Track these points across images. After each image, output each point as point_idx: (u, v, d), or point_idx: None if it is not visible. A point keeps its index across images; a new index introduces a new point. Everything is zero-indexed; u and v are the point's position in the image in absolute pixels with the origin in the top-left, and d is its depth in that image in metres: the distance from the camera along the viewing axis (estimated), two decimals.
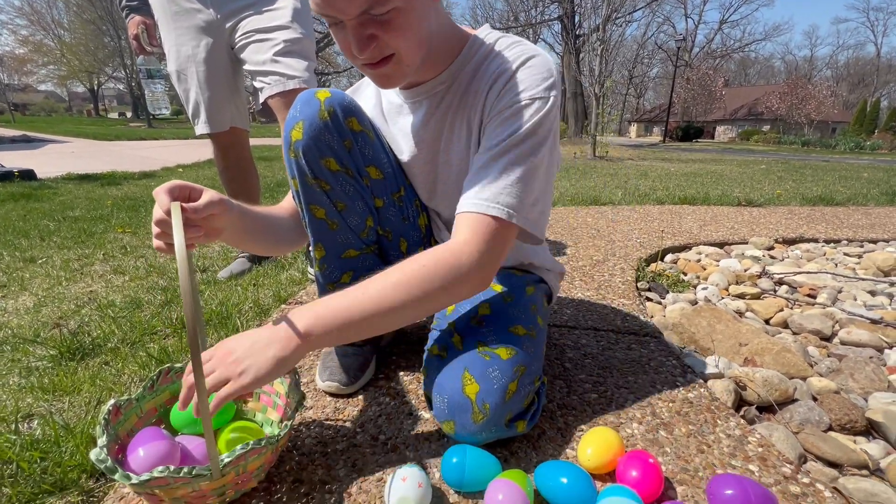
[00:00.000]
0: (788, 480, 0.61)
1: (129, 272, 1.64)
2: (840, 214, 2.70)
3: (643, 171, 5.63)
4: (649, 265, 1.64)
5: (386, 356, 0.92)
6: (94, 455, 0.48)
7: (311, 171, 0.68)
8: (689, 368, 0.89)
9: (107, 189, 3.78)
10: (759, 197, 3.21)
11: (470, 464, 0.57)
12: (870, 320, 1.16)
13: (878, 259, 1.60)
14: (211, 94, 1.38)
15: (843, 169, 6.92)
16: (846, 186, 4.24)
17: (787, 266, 1.62)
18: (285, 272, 1.51)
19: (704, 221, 2.37)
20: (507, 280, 0.77)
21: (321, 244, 0.75)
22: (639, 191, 3.59)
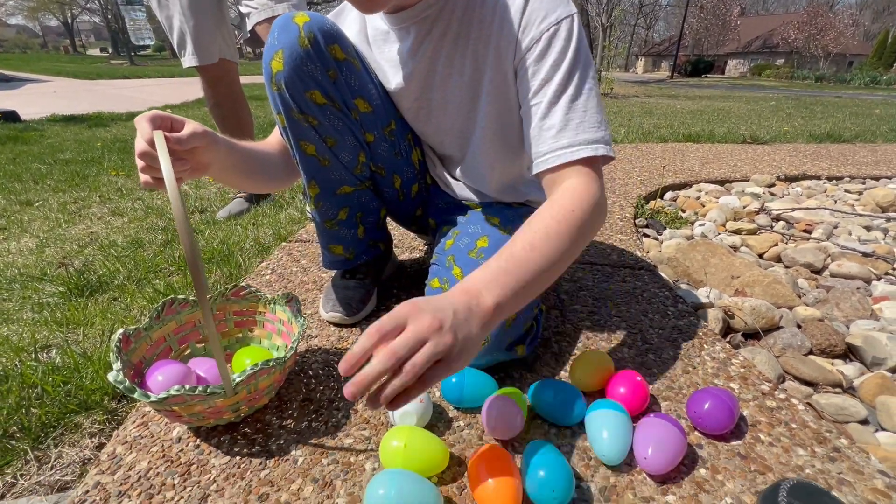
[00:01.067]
0: (766, 396, 0.66)
1: (127, 214, 1.63)
2: (846, 151, 2.65)
3: (648, 109, 5.44)
4: (648, 203, 1.64)
5: (387, 290, 0.95)
6: (112, 377, 0.51)
7: (297, 106, 0.66)
8: (680, 299, 0.92)
9: (95, 131, 3.67)
10: (766, 134, 3.13)
11: (468, 382, 0.61)
12: (861, 253, 1.18)
13: (878, 195, 1.60)
14: (196, 23, 1.30)
15: (854, 105, 6.69)
16: (855, 123, 4.13)
17: (786, 203, 1.62)
18: (284, 211, 1.51)
19: (707, 159, 2.33)
20: (504, 213, 0.77)
21: (314, 181, 0.74)
22: (642, 129, 3.50)
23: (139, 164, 0.53)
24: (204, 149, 0.57)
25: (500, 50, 0.63)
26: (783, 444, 0.57)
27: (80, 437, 0.62)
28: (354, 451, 0.56)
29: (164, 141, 0.49)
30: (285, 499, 0.50)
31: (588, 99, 0.60)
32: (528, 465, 0.49)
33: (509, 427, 0.55)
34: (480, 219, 0.77)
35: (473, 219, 0.78)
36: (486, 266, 0.51)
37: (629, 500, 0.50)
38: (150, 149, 0.51)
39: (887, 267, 1.13)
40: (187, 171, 0.56)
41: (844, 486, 0.51)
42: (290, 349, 0.59)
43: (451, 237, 0.76)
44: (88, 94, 6.91)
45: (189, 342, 0.71)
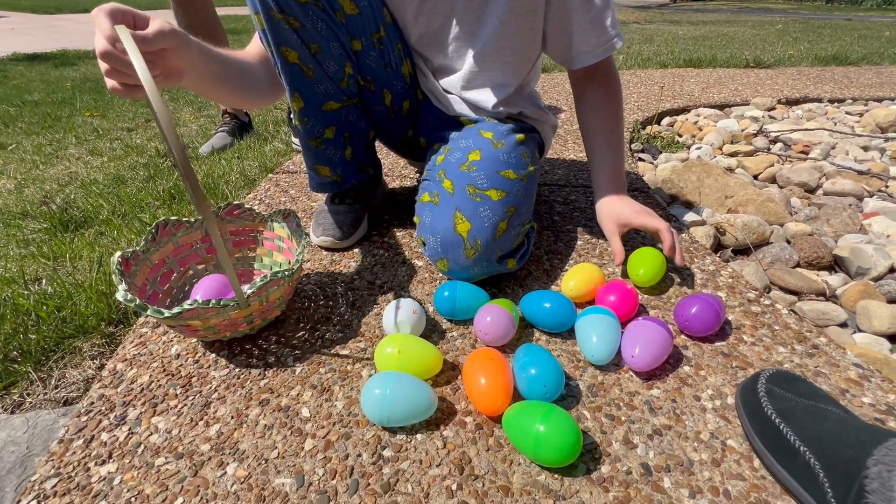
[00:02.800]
0: (751, 303, 0.67)
1: (105, 153, 1.57)
2: (851, 74, 2.55)
3: (649, 36, 5.15)
4: (645, 128, 1.59)
5: (377, 216, 0.94)
6: (121, 296, 0.49)
7: (277, 4, 0.60)
8: (673, 217, 0.92)
9: (62, 70, 3.45)
10: (769, 58, 2.99)
11: (460, 296, 0.62)
12: (857, 171, 1.17)
13: (879, 115, 1.56)
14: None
15: (864, 28, 6.36)
16: (863, 46, 3.95)
17: (785, 125, 1.58)
18: (269, 144, 1.46)
19: (707, 84, 2.24)
20: (496, 128, 0.75)
21: (298, 94, 0.70)
22: (642, 55, 3.33)
23: (103, 67, 0.47)
24: (174, 51, 0.51)
25: None
26: (765, 343, 0.59)
27: (81, 360, 0.63)
28: (350, 360, 0.57)
29: (130, 38, 0.42)
30: (285, 403, 0.51)
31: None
32: (520, 363, 0.50)
33: (501, 334, 0.57)
34: (473, 133, 0.74)
35: (465, 133, 0.75)
36: (606, 176, 0.78)
37: (616, 394, 0.52)
38: (110, 47, 0.45)
39: (881, 184, 1.13)
40: (158, 78, 0.50)
41: (820, 378, 0.54)
42: (297, 261, 0.59)
43: (441, 153, 0.74)
44: (50, 29, 6.41)
45: (189, 264, 0.70)
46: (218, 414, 0.50)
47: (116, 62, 0.46)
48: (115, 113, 2.25)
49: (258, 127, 1.68)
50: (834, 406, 0.43)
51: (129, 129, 1.94)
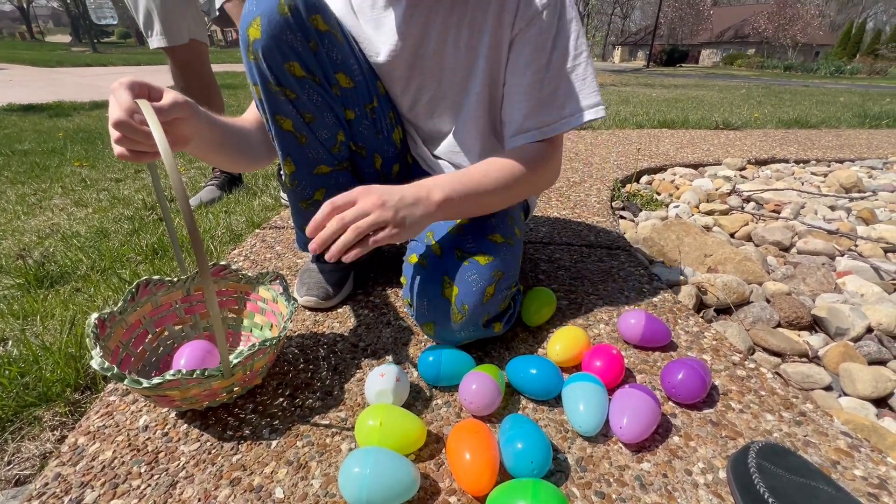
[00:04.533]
0: (736, 366, 0.67)
1: (91, 204, 1.57)
2: (812, 136, 2.73)
3: (625, 98, 5.50)
4: (625, 186, 1.66)
5: (363, 273, 0.93)
6: (97, 364, 0.48)
7: (275, 77, 0.63)
8: (655, 277, 0.93)
9: (56, 121, 3.50)
10: (737, 120, 3.20)
11: (446, 361, 0.61)
12: (827, 231, 1.22)
13: (842, 177, 1.65)
14: (164, 1, 1.24)
15: (821, 94, 6.91)
16: (821, 110, 4.26)
17: (756, 185, 1.66)
18: (257, 199, 1.47)
19: (681, 144, 2.37)
20: None
21: (290, 158, 0.71)
22: (619, 116, 3.53)
23: (113, 135, 0.48)
24: (185, 120, 0.54)
25: (501, 18, 0.65)
26: (752, 410, 0.59)
27: (41, 431, 0.59)
28: (330, 432, 0.55)
29: (151, 109, 0.45)
30: (258, 482, 0.48)
31: (585, 68, 0.67)
32: (506, 437, 0.49)
33: (487, 402, 0.55)
34: None
35: None
36: (442, 175, 0.62)
37: (605, 469, 0.50)
38: (127, 118, 0.47)
39: (850, 243, 1.17)
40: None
41: (810, 448, 0.53)
42: (283, 328, 0.58)
43: None
44: (48, 82, 6.57)
45: (166, 325, 0.68)
46: (184, 496, 0.47)
47: (129, 131, 0.48)
48: (105, 164, 2.27)
49: (248, 180, 1.71)
50: (825, 484, 0.42)
51: (118, 180, 1.95)
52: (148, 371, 0.63)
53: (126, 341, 0.61)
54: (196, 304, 0.70)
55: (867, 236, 1.20)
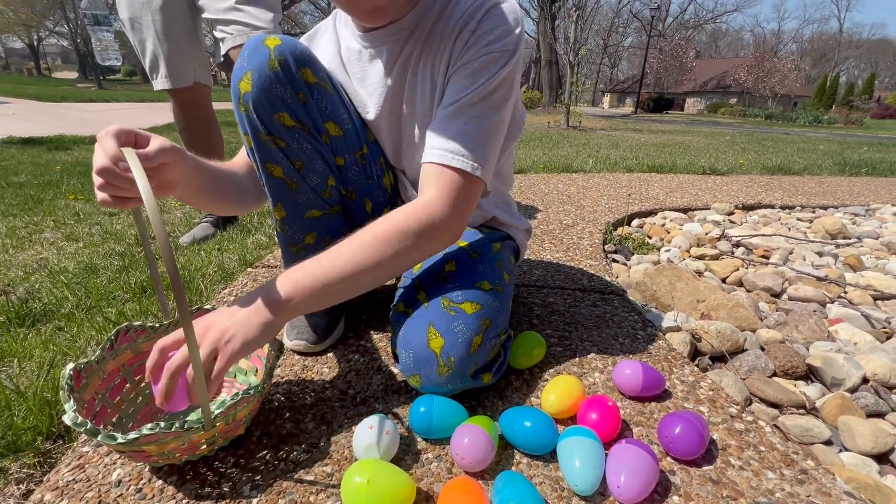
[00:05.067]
0: (734, 419, 0.66)
1: (82, 239, 1.55)
2: (796, 183, 2.82)
3: (615, 142, 5.69)
4: (616, 229, 1.68)
5: (355, 315, 0.92)
6: (70, 420, 0.45)
7: (265, 127, 0.63)
8: (649, 323, 0.93)
9: (55, 154, 3.53)
10: (723, 166, 3.31)
11: (437, 412, 0.59)
12: (816, 278, 1.24)
13: (827, 223, 1.70)
14: (170, 46, 1.28)
15: (801, 142, 7.20)
16: (803, 157, 4.43)
17: (744, 230, 1.70)
18: (251, 236, 1.47)
19: (670, 188, 2.43)
20: (473, 236, 0.77)
21: (281, 204, 0.72)
22: (609, 159, 3.64)
23: (97, 182, 0.49)
24: (171, 165, 0.55)
25: (448, 62, 0.65)
26: (753, 467, 0.57)
27: (5, 484, 0.56)
28: (315, 489, 0.52)
29: (136, 159, 0.45)
30: None
31: (493, 127, 0.63)
32: (499, 498, 0.46)
33: (480, 458, 0.53)
34: None
35: None
36: (296, 266, 0.58)
37: None
38: (112, 165, 0.48)
39: (839, 290, 1.19)
40: (153, 190, 0.52)
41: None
42: (269, 375, 0.56)
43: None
44: (50, 116, 6.68)
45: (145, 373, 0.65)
46: None
47: (112, 177, 0.49)
48: None
49: (243, 218, 1.71)
50: None
51: (111, 214, 1.94)
52: (125, 423, 0.60)
53: (103, 392, 0.58)
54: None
55: (856, 283, 1.22)
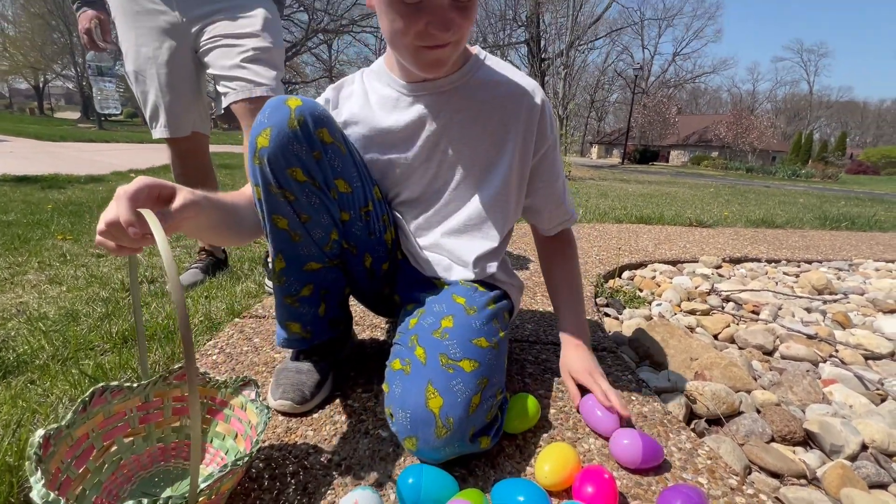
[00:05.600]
0: (734, 492, 0.63)
1: (66, 282, 1.52)
2: (780, 236, 2.89)
3: (603, 191, 5.86)
4: (608, 281, 1.69)
5: (343, 373, 0.89)
6: (40, 497, 0.42)
7: (276, 181, 0.65)
8: (643, 383, 0.91)
9: (48, 193, 3.53)
10: (709, 218, 3.40)
11: (426, 484, 0.56)
12: (806, 335, 1.24)
13: (813, 278, 1.73)
14: (172, 98, 1.32)
15: (781, 194, 7.47)
16: (785, 210, 4.57)
17: (733, 284, 1.72)
18: (241, 284, 1.45)
19: (659, 240, 2.48)
20: (469, 293, 0.77)
21: (282, 255, 0.72)
22: (599, 209, 3.73)
23: (100, 228, 0.48)
24: (189, 219, 0.55)
25: (526, 141, 0.78)
26: None
27: None
28: None
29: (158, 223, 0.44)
30: None
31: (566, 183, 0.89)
32: None
33: None
34: (447, 297, 0.75)
35: (440, 297, 0.76)
36: (575, 311, 0.90)
37: None
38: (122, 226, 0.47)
39: (831, 349, 1.19)
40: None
41: None
42: (256, 443, 0.53)
43: (415, 316, 0.74)
44: (48, 155, 6.74)
45: (115, 437, 0.61)
46: None
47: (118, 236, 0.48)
48: (89, 238, 2.25)
49: (234, 264, 1.70)
50: None
51: (99, 256, 1.92)
52: (88, 496, 0.55)
53: (68, 461, 0.54)
54: (153, 411, 0.65)
55: (846, 342, 1.22)
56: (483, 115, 0.76)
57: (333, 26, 20.17)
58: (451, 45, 0.65)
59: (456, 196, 0.80)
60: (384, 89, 0.78)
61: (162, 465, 0.64)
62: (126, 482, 0.59)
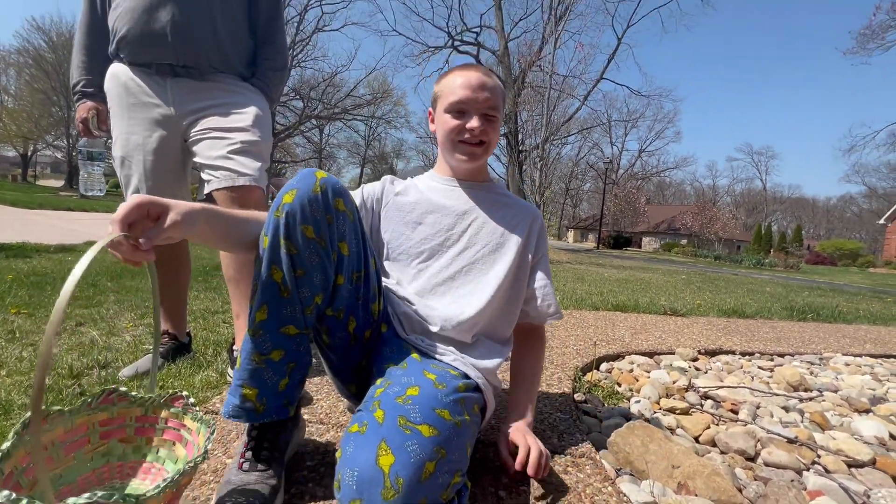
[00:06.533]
0: None
1: (8, 365, 1.40)
2: (751, 327, 2.95)
3: (580, 276, 6.00)
4: (585, 374, 1.66)
5: (294, 471, 0.81)
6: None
7: (287, 233, 0.71)
8: (624, 497, 0.86)
9: (12, 262, 3.41)
10: (682, 307, 3.48)
11: None
12: (787, 439, 1.21)
13: (787, 374, 1.73)
14: (154, 184, 1.33)
15: (749, 282, 7.78)
16: (754, 299, 4.73)
17: (710, 379, 1.70)
18: (201, 372, 1.36)
19: (636, 329, 2.49)
20: (441, 373, 0.77)
21: (267, 307, 0.74)
22: (576, 294, 3.79)
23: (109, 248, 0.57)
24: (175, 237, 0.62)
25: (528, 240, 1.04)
26: None
27: None
28: None
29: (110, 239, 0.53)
30: None
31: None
32: None
33: None
34: (417, 371, 0.76)
35: (409, 371, 0.77)
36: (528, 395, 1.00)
37: None
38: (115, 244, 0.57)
39: (812, 455, 1.15)
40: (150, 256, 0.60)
41: None
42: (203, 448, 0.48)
43: (381, 386, 0.73)
44: (22, 222, 6.63)
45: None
46: None
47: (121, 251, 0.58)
48: (45, 312, 2.13)
49: (198, 348, 1.61)
50: None
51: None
52: None
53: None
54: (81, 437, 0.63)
55: (826, 446, 1.20)
56: (499, 211, 1.03)
57: (326, 113, 21.59)
58: (484, 146, 0.98)
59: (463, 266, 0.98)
60: (432, 182, 1.07)
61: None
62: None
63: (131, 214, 0.57)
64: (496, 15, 14.85)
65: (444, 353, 0.88)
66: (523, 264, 1.02)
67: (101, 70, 1.36)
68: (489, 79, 0.96)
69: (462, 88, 0.93)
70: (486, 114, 0.94)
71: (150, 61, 1.29)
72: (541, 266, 1.05)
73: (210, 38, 1.29)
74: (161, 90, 1.30)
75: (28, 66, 27.43)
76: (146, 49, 1.27)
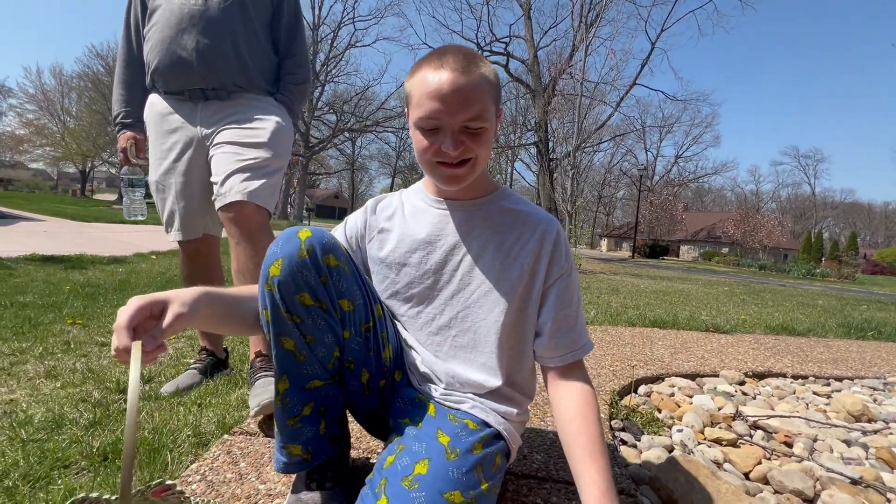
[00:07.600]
0: None
1: (62, 376, 1.49)
2: (803, 346, 2.76)
3: (615, 287, 5.82)
4: (622, 398, 1.59)
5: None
6: None
7: (285, 306, 0.68)
8: None
9: (69, 273, 3.64)
10: (726, 322, 3.29)
11: None
12: (850, 480, 1.11)
13: (847, 402, 1.60)
14: (186, 204, 1.38)
15: (799, 295, 7.31)
16: (805, 314, 4.44)
17: (760, 407, 1.60)
18: (237, 390, 1.39)
19: (675, 349, 2.38)
20: (456, 432, 0.71)
21: (286, 376, 0.74)
22: (611, 308, 3.67)
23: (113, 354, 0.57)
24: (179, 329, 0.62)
25: (539, 265, 0.82)
26: None
27: None
28: None
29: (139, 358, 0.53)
30: None
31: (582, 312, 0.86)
32: None
33: None
34: (430, 433, 0.71)
35: (422, 433, 0.72)
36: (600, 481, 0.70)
37: None
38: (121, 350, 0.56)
39: (881, 499, 1.05)
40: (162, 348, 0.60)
41: None
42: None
43: (393, 452, 0.70)
44: (78, 235, 7.09)
45: None
46: None
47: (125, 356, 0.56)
48: (98, 323, 2.25)
49: (234, 363, 1.66)
50: None
51: (103, 344, 1.90)
52: None
53: None
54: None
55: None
56: (499, 234, 0.83)
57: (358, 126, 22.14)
58: (468, 165, 0.76)
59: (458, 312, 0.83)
60: (418, 202, 0.89)
61: None
62: None
63: (134, 318, 0.57)
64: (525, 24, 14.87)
65: (462, 400, 0.80)
66: (530, 297, 0.82)
67: (139, 101, 1.43)
68: (467, 76, 0.71)
69: (431, 99, 0.71)
70: (466, 127, 0.72)
71: (181, 88, 1.34)
72: (554, 291, 0.82)
73: (233, 60, 1.33)
74: (192, 114, 1.35)
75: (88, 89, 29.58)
76: (176, 77, 1.33)
